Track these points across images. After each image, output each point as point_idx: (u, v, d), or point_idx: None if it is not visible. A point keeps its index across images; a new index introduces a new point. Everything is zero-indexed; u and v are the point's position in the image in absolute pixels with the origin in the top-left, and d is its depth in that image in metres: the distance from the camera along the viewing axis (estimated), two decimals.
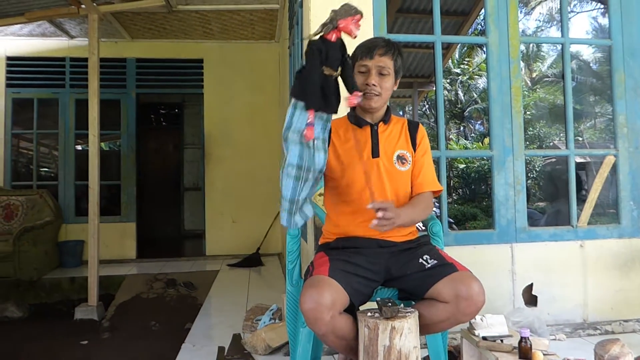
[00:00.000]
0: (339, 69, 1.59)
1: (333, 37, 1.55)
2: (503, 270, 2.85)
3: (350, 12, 1.53)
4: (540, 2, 18.48)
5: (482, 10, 5.67)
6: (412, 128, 1.99)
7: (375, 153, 1.88)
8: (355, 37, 1.56)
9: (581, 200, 3.22)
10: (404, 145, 1.93)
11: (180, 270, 5.40)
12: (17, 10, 4.31)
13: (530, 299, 2.87)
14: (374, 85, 1.84)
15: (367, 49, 1.87)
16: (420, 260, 1.77)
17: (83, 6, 4.19)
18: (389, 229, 1.62)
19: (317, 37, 1.57)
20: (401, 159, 1.90)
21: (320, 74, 1.55)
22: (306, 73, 1.56)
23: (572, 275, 2.92)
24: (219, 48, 6.40)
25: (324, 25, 1.56)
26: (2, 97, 6.01)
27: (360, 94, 1.64)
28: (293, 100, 1.57)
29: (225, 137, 6.37)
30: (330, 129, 1.71)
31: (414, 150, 1.94)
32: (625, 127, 3.05)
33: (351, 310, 1.66)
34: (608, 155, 3.09)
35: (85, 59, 4.21)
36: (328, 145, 1.74)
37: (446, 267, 1.70)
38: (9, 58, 6.07)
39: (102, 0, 4.29)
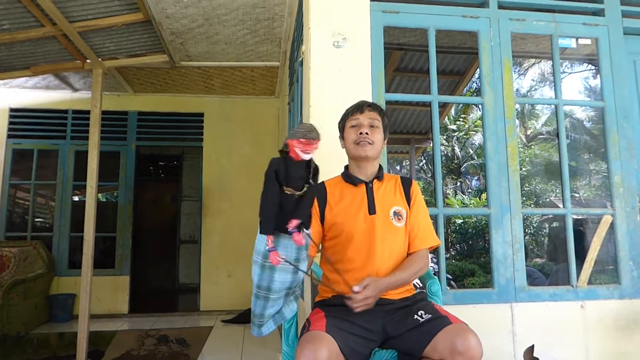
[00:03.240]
0: (304, 188, 1.47)
1: (294, 154, 1.43)
2: (503, 330, 2.79)
3: (297, 134, 1.41)
4: (534, 63, 19.03)
5: (477, 71, 5.83)
6: (406, 184, 2.02)
7: (371, 210, 1.89)
8: (304, 159, 1.43)
9: (581, 259, 3.19)
10: (400, 202, 1.95)
11: (173, 325, 5.26)
12: (24, 64, 4.43)
13: None
14: (366, 133, 1.90)
15: (357, 106, 1.98)
16: (416, 316, 1.74)
17: (88, 61, 4.32)
18: (363, 308, 1.68)
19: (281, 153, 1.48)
20: (397, 215, 1.91)
21: (278, 193, 1.45)
22: (264, 193, 1.47)
23: (573, 336, 2.85)
24: (219, 102, 6.51)
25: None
26: (2, 147, 6.04)
27: (306, 233, 1.52)
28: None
29: (223, 190, 6.37)
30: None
31: (409, 206, 1.96)
32: (621, 187, 3.07)
33: None
34: (605, 215, 3.09)
35: (87, 112, 4.29)
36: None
37: (440, 320, 1.67)
38: (12, 109, 6.14)
39: (107, 56, 4.40)
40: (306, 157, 1.42)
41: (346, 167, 2.04)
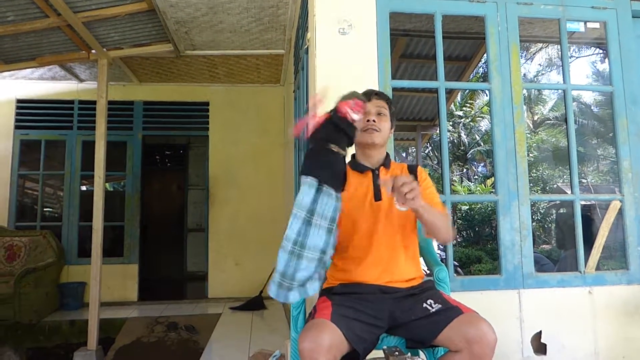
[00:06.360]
0: (346, 149, 1.66)
1: (343, 114, 1.64)
2: (510, 317, 2.79)
3: (349, 96, 1.65)
4: (541, 48, 18.84)
5: (484, 56, 5.77)
6: (412, 170, 2.04)
7: (377, 196, 1.91)
8: (353, 120, 1.64)
9: (589, 245, 3.17)
10: None
11: (182, 313, 5.31)
12: (29, 55, 4.43)
13: (539, 348, 2.80)
14: (374, 121, 1.93)
15: (365, 94, 1.97)
16: (424, 305, 1.75)
17: (93, 51, 4.32)
18: (412, 197, 1.59)
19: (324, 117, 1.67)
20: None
21: (326, 149, 1.63)
22: (314, 150, 1.65)
23: (581, 322, 2.85)
24: (225, 91, 6.51)
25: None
26: (10, 138, 6.09)
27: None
28: (309, 179, 1.62)
29: (229, 179, 6.39)
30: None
31: None
32: (630, 172, 3.05)
33: (356, 359, 1.62)
34: (614, 200, 3.07)
35: (94, 102, 4.30)
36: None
37: (451, 311, 1.68)
38: (19, 101, 6.18)
39: (112, 46, 4.39)
40: (356, 117, 1.63)
41: (353, 156, 2.06)
